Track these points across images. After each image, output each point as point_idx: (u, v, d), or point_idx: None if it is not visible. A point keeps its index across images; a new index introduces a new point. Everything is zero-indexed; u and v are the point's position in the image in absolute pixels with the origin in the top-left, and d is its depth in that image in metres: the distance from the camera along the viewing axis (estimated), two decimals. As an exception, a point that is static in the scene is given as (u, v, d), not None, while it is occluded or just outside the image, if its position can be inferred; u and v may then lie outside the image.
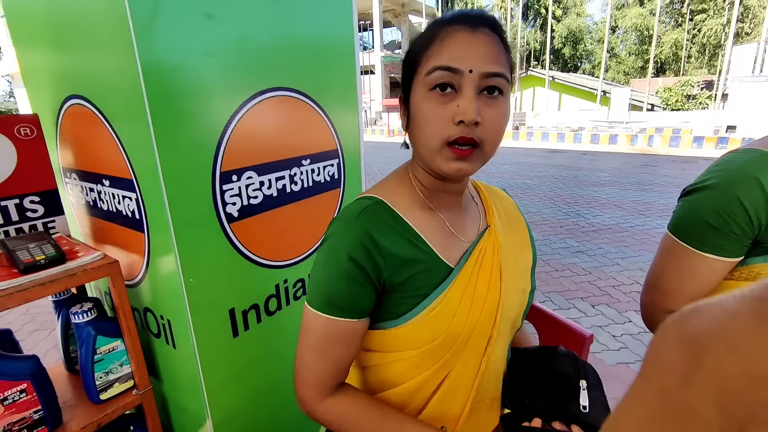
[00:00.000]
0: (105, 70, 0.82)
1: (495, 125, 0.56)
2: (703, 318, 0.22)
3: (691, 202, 0.74)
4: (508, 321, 0.69)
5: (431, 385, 0.65)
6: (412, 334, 0.62)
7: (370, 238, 0.58)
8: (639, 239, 4.65)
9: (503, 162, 10.52)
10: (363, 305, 0.60)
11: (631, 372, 2.38)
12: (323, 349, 0.61)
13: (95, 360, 0.97)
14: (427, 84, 0.56)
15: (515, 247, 0.73)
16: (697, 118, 14.80)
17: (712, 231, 0.70)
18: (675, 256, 0.76)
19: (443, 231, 0.65)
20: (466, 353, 0.64)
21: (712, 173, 0.73)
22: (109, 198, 0.98)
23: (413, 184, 0.66)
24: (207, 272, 0.92)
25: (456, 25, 0.56)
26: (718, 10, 30.96)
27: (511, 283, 0.69)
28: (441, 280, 0.62)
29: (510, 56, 0.59)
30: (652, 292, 0.80)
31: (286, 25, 1.02)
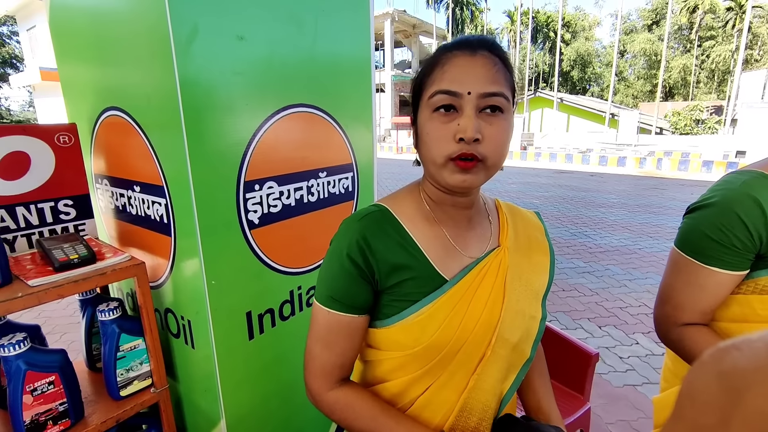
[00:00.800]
0: (145, 84, 0.90)
1: (496, 141, 0.59)
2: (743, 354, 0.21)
3: (695, 219, 0.79)
4: (507, 344, 0.68)
5: (416, 389, 0.67)
6: (395, 336, 0.65)
7: (365, 241, 0.63)
8: (647, 261, 4.63)
9: (511, 181, 10.57)
10: (361, 302, 0.64)
11: (638, 394, 2.37)
12: (327, 341, 0.65)
13: (118, 357, 1.02)
14: (430, 106, 0.60)
15: (528, 270, 0.72)
16: (706, 143, 14.80)
17: (714, 244, 0.75)
18: (682, 270, 0.80)
19: (444, 244, 0.67)
20: (452, 366, 0.65)
21: (714, 192, 0.78)
22: (138, 203, 1.05)
23: (422, 197, 0.70)
24: (228, 275, 0.97)
25: (456, 50, 0.60)
26: (727, 37, 31.23)
27: (516, 307, 0.68)
28: (432, 290, 0.64)
29: (511, 75, 0.63)
30: (664, 305, 0.83)
31: (308, 46, 1.09)
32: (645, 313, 3.38)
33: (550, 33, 37.29)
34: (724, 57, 31.44)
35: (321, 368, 0.66)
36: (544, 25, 37.65)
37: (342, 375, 0.67)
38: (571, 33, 38.45)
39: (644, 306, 3.52)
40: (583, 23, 40.14)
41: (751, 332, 0.24)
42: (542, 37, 38.63)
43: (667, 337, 0.83)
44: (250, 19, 0.93)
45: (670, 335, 0.82)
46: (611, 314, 3.39)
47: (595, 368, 1.74)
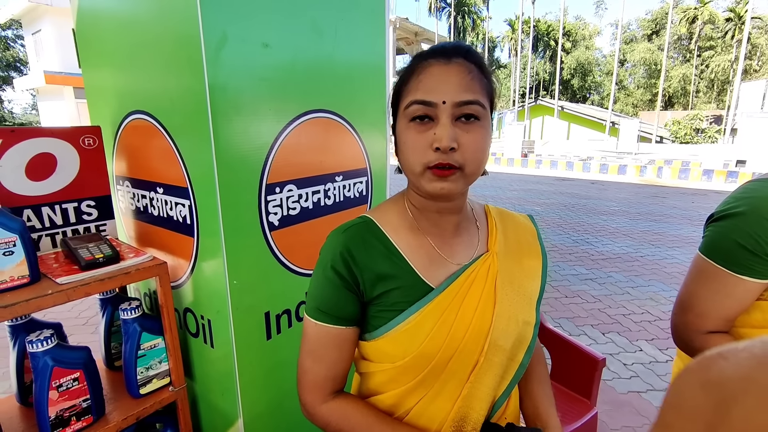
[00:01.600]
0: (173, 89, 0.93)
1: (473, 148, 0.59)
2: (729, 363, 0.21)
3: (724, 227, 0.78)
4: (500, 351, 0.66)
5: (410, 401, 0.66)
6: (384, 348, 0.65)
7: (349, 252, 0.63)
8: (650, 269, 4.65)
9: (512, 188, 10.61)
10: (348, 313, 0.64)
11: (642, 401, 2.37)
12: (317, 354, 0.65)
13: (138, 355, 1.04)
14: (407, 116, 0.60)
15: (520, 275, 0.71)
16: (707, 152, 14.88)
17: (746, 253, 0.74)
18: (709, 277, 0.79)
19: (429, 252, 0.67)
20: (445, 376, 0.65)
21: (739, 200, 0.78)
22: (161, 204, 1.07)
23: (406, 206, 0.70)
24: (248, 276, 1.00)
25: (431, 59, 0.60)
26: (726, 47, 31.48)
27: (509, 312, 0.67)
28: (418, 299, 0.63)
29: (489, 81, 0.62)
30: (686, 313, 0.82)
31: (328, 53, 1.12)
32: (648, 321, 3.40)
33: (551, 42, 37.59)
34: (724, 67, 31.67)
35: (312, 382, 0.66)
36: (544, 34, 37.96)
37: (334, 388, 0.67)
38: (571, 42, 38.76)
39: (647, 313, 3.53)
40: (584, 32, 40.48)
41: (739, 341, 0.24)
42: (543, 46, 38.94)
43: (690, 345, 0.82)
44: (275, 27, 0.96)
45: (694, 343, 0.81)
46: (614, 321, 3.40)
47: (602, 373, 1.76)
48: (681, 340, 0.85)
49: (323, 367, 0.65)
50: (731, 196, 0.81)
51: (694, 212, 7.73)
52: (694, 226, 6.69)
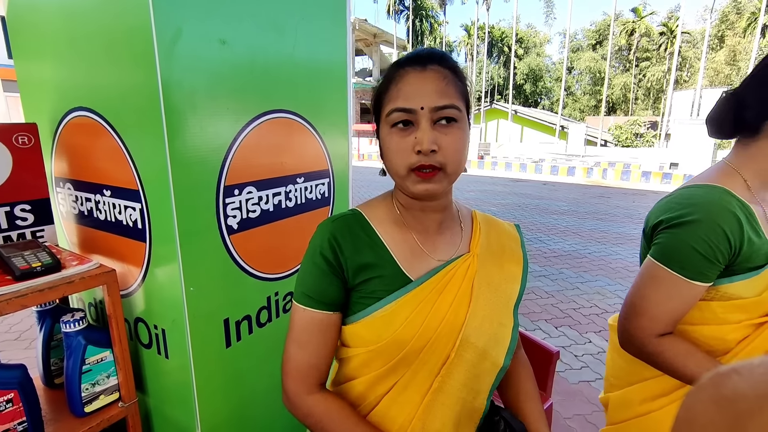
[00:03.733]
0: (122, 84, 0.87)
1: (453, 149, 0.63)
2: (743, 379, 0.21)
3: (679, 235, 0.80)
4: (471, 348, 0.68)
5: (381, 387, 0.69)
6: (360, 332, 0.68)
7: (336, 240, 0.67)
8: (596, 265, 4.94)
9: (470, 189, 10.90)
10: (333, 298, 0.68)
11: (592, 390, 2.52)
12: (302, 340, 0.68)
13: (83, 371, 0.96)
14: (389, 122, 0.64)
15: (499, 278, 0.74)
16: (645, 155, 16.06)
17: (701, 259, 0.78)
18: (663, 283, 0.81)
19: (412, 247, 0.70)
20: (416, 365, 0.67)
21: (688, 208, 0.81)
22: (108, 208, 1.00)
23: (394, 203, 0.74)
24: (206, 282, 0.95)
25: (408, 66, 0.64)
26: (660, 59, 34.12)
27: (484, 312, 0.70)
28: (397, 289, 0.67)
29: (463, 85, 0.66)
30: (639, 318, 0.84)
31: (289, 53, 1.10)
32: (596, 314, 3.61)
33: (505, 48, 39.05)
34: (658, 77, 34.31)
35: (296, 369, 0.67)
36: (498, 40, 39.37)
37: (318, 379, 0.69)
38: (523, 48, 40.47)
39: (595, 307, 3.75)
40: (535, 39, 42.41)
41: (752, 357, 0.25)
42: (497, 51, 40.37)
43: (643, 350, 0.84)
44: (233, 24, 0.93)
45: (647, 348, 0.83)
46: (566, 315, 3.58)
47: (556, 366, 1.84)
48: (632, 345, 0.86)
49: (307, 354, 0.68)
50: (674, 203, 0.84)
51: (635, 211, 8.31)
52: (635, 224, 7.18)
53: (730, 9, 31.10)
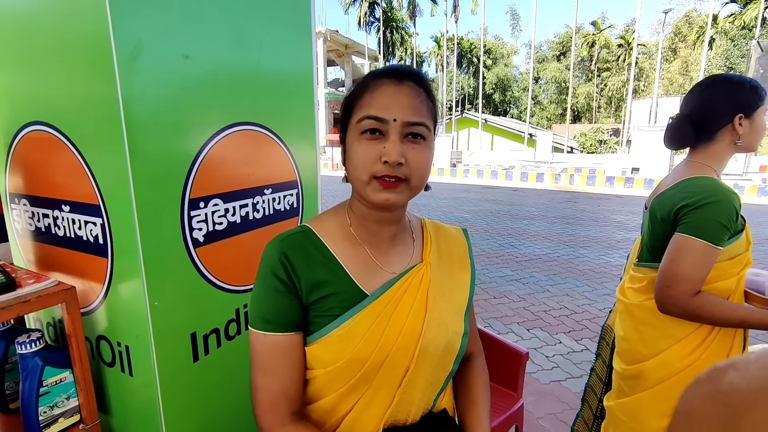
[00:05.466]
0: (81, 99, 0.85)
1: (419, 164, 0.64)
2: (740, 374, 0.21)
3: (706, 213, 1.03)
4: (429, 357, 0.69)
5: (344, 407, 0.68)
6: (318, 353, 0.67)
7: (287, 258, 0.66)
8: (565, 268, 5.10)
9: (443, 197, 11.06)
10: (292, 318, 0.66)
11: (563, 389, 2.59)
12: (268, 368, 0.65)
13: (41, 393, 0.93)
14: (359, 129, 0.64)
15: (451, 286, 0.75)
16: (608, 161, 16.77)
17: (723, 230, 1.03)
18: (697, 252, 1.03)
19: (365, 261, 0.70)
20: (377, 382, 0.67)
21: (706, 193, 1.05)
22: (67, 224, 0.98)
23: (347, 216, 0.73)
24: (171, 296, 0.94)
25: (385, 78, 0.65)
26: (620, 69, 35.87)
27: (439, 320, 0.70)
28: (353, 305, 0.66)
29: (434, 105, 0.67)
30: (681, 284, 1.04)
31: (253, 66, 1.11)
32: (565, 315, 3.72)
33: (474, 58, 40.11)
34: (618, 86, 36.01)
35: (267, 399, 0.65)
36: (468, 51, 40.42)
37: (291, 407, 0.66)
38: (492, 59, 41.68)
39: (564, 308, 3.87)
40: (502, 50, 43.76)
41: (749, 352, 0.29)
42: (466, 62, 41.41)
43: (687, 308, 1.05)
44: (195, 38, 0.93)
45: (691, 305, 1.04)
46: (537, 317, 3.68)
47: (526, 367, 1.89)
48: (676, 307, 1.06)
49: (275, 381, 0.65)
50: (689, 192, 1.08)
51: (600, 215, 8.64)
52: (600, 227, 7.47)
53: (683, 23, 33.14)
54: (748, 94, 1.11)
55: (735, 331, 1.13)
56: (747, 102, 1.11)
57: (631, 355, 1.24)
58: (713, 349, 1.12)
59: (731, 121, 1.12)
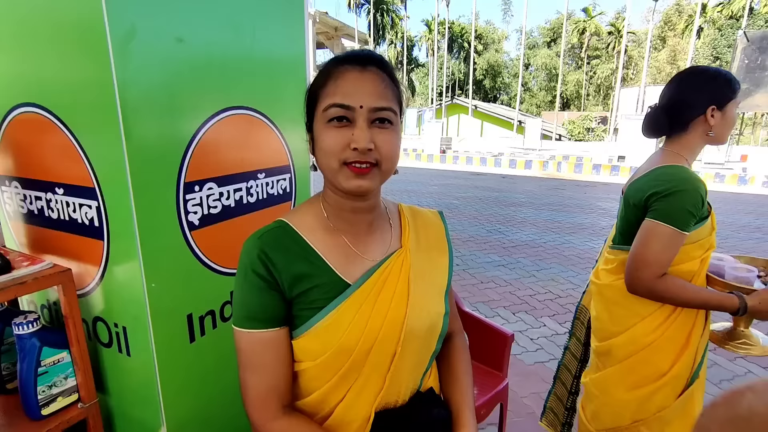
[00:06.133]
0: (74, 82, 0.85)
1: (388, 148, 0.64)
2: (759, 397, 0.21)
3: (676, 201, 1.09)
4: (415, 339, 0.71)
5: (336, 396, 0.69)
6: (305, 346, 0.67)
7: (266, 255, 0.65)
8: (551, 254, 5.21)
9: (433, 183, 11.10)
10: (276, 313, 0.66)
11: (546, 369, 2.69)
12: (255, 365, 0.66)
13: (39, 373, 0.94)
14: (325, 117, 0.63)
15: (430, 269, 0.76)
16: (595, 149, 16.99)
17: (690, 216, 1.09)
18: (664, 237, 1.10)
19: (345, 250, 0.70)
20: (366, 369, 0.68)
21: (675, 182, 1.11)
22: (61, 206, 0.98)
23: (322, 207, 0.73)
24: (168, 278, 0.96)
25: (347, 65, 0.64)
26: (609, 57, 35.98)
27: (421, 303, 0.72)
28: (336, 295, 0.67)
29: (398, 90, 0.68)
30: (649, 267, 1.11)
31: (247, 49, 1.11)
32: (550, 299, 3.82)
33: (465, 43, 39.78)
34: (607, 74, 36.18)
35: (257, 396, 0.66)
36: (459, 36, 40.04)
37: (281, 401, 0.67)
38: (483, 45, 41.39)
39: (549, 293, 3.97)
40: (493, 36, 43.48)
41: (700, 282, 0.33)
42: (457, 47, 41.05)
43: (654, 290, 1.13)
44: (189, 22, 0.93)
45: (658, 287, 1.12)
46: (523, 302, 3.77)
47: (511, 348, 1.96)
48: (644, 288, 1.14)
49: (264, 378, 0.66)
50: (660, 180, 1.14)
51: (586, 202, 8.78)
52: (586, 214, 7.60)
53: (673, 11, 33.27)
54: (722, 87, 1.15)
55: (696, 311, 1.20)
56: (720, 94, 1.14)
57: (603, 332, 1.32)
58: (676, 326, 1.20)
59: (704, 113, 1.16)
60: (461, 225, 6.62)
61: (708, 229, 1.17)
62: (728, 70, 1.28)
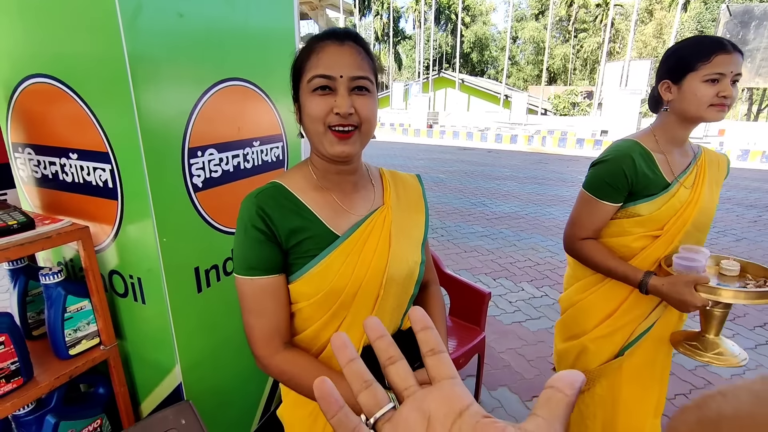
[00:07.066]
0: (86, 55, 0.94)
1: (366, 111, 0.72)
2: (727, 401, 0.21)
3: (598, 170, 1.17)
4: (395, 284, 0.80)
5: (327, 332, 0.78)
6: (300, 288, 0.76)
7: (263, 211, 0.73)
8: (532, 224, 5.42)
9: (419, 158, 11.19)
10: (275, 262, 0.75)
11: (522, 328, 2.91)
12: (258, 309, 0.75)
13: (65, 318, 1.06)
14: (310, 87, 0.71)
15: (409, 225, 0.86)
16: (580, 123, 17.16)
17: (606, 186, 1.15)
18: (587, 204, 1.19)
19: (334, 207, 0.79)
20: (354, 307, 0.77)
21: (608, 152, 1.17)
22: (75, 170, 1.08)
23: (310, 170, 0.81)
24: (177, 234, 1.07)
25: (327, 40, 0.72)
26: (596, 30, 35.74)
27: (401, 254, 0.81)
28: (327, 245, 0.76)
29: (373, 62, 0.75)
30: (572, 227, 1.23)
31: (240, 23, 1.19)
32: (529, 266, 4.04)
33: (452, 15, 38.98)
34: (593, 48, 36.03)
35: (260, 336, 0.75)
36: (446, 7, 39.15)
37: (282, 339, 0.76)
38: (470, 17, 40.62)
39: (528, 260, 4.19)
40: (481, 8, 42.64)
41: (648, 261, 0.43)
42: (444, 19, 40.21)
43: (572, 248, 1.24)
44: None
45: (574, 246, 1.23)
46: (503, 269, 3.98)
47: (488, 305, 2.14)
48: (567, 246, 1.26)
49: (266, 320, 0.75)
50: (605, 150, 1.20)
51: (568, 176, 9.01)
52: (567, 187, 7.83)
53: (660, -17, 32.99)
54: (678, 60, 1.10)
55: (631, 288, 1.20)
56: (674, 68, 1.10)
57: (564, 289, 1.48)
58: (602, 293, 1.27)
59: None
60: (446, 198, 6.79)
61: (652, 207, 1.15)
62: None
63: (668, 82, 1.12)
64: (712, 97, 1.04)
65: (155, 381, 1.20)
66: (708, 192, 1.19)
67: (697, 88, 1.06)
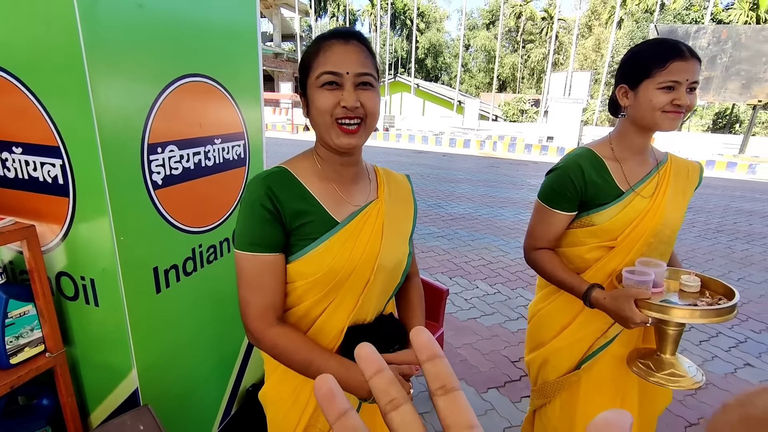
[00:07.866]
0: (38, 45, 0.88)
1: (371, 104, 0.78)
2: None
3: (548, 179, 1.16)
4: (385, 272, 0.87)
5: (317, 310, 0.84)
6: (300, 268, 0.82)
7: (272, 192, 0.78)
8: (485, 225, 5.64)
9: (377, 160, 11.18)
10: (276, 241, 0.80)
11: (478, 324, 3.03)
12: (255, 284, 0.79)
13: (6, 324, 0.99)
14: (318, 83, 0.77)
15: (400, 218, 0.93)
16: (528, 129, 18.08)
17: (555, 194, 1.13)
18: (539, 213, 1.18)
19: (334, 195, 0.85)
20: (344, 289, 0.83)
21: (560, 161, 1.16)
22: (19, 165, 1.01)
23: (315, 159, 0.87)
24: (135, 232, 1.03)
25: (333, 39, 0.78)
26: (542, 42, 37.83)
27: (391, 244, 0.87)
28: (327, 230, 0.82)
29: (375, 60, 0.81)
30: (528, 237, 1.22)
31: (203, 18, 1.17)
32: (483, 265, 4.20)
33: (407, 20, 39.64)
34: (539, 59, 38.11)
35: (255, 311, 0.79)
36: (401, 12, 39.76)
37: (275, 314, 0.81)
38: (425, 23, 41.53)
39: (482, 259, 4.36)
40: (435, 15, 43.72)
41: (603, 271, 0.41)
42: (400, 24, 40.81)
43: (528, 257, 1.23)
44: (148, -11, 0.98)
45: (530, 256, 1.22)
46: (459, 268, 4.12)
47: (446, 302, 2.22)
48: (525, 256, 1.25)
49: (261, 296, 0.79)
50: (561, 159, 1.18)
51: (518, 179, 9.45)
52: (517, 189, 8.22)
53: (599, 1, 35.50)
54: (634, 66, 1.06)
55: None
56: (630, 74, 1.06)
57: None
58: (557, 304, 1.26)
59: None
60: (404, 200, 6.89)
61: (605, 216, 1.11)
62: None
63: (625, 87, 1.08)
64: (666, 104, 1.01)
65: (108, 387, 1.14)
66: (672, 202, 1.12)
67: (652, 95, 1.02)
